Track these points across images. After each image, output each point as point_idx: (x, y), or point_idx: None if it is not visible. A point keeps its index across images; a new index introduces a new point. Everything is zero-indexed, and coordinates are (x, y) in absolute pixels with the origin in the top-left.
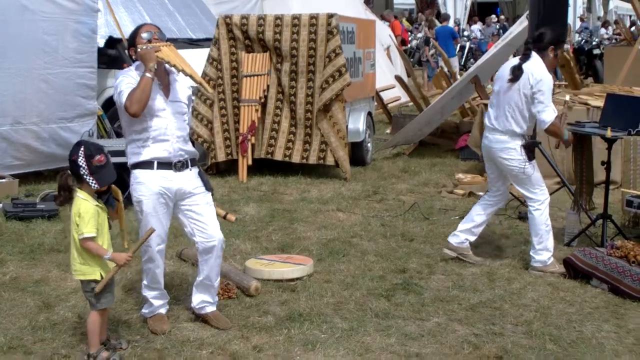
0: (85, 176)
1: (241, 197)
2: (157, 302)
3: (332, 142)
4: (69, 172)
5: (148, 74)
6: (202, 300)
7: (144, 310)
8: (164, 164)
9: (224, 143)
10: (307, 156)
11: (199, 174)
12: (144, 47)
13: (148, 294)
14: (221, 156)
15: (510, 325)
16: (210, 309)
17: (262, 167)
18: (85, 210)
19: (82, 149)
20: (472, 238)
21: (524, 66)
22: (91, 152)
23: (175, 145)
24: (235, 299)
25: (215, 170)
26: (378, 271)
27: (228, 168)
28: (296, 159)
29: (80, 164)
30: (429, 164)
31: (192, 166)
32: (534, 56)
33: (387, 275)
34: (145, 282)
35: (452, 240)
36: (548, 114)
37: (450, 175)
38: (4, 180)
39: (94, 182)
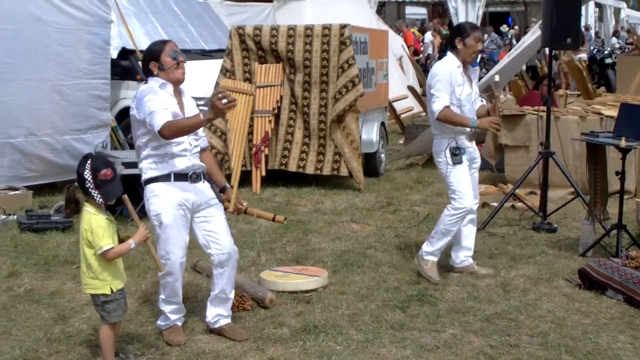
0: (90, 190)
1: (255, 208)
2: (174, 315)
3: (345, 152)
4: (76, 184)
5: (203, 117)
6: (217, 314)
7: (159, 322)
8: (181, 176)
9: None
10: (321, 167)
11: (212, 187)
12: (221, 97)
13: (165, 307)
14: None
15: (526, 337)
16: (225, 321)
17: (276, 178)
18: (98, 225)
19: (89, 162)
20: (470, 253)
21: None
22: (97, 166)
23: (193, 159)
24: (250, 310)
25: (228, 181)
26: (393, 282)
27: (241, 179)
28: (310, 170)
29: (86, 177)
30: None
31: (204, 178)
32: (446, 55)
33: (402, 287)
34: (162, 296)
35: (453, 263)
36: (436, 104)
37: None
38: (18, 191)
39: (99, 196)
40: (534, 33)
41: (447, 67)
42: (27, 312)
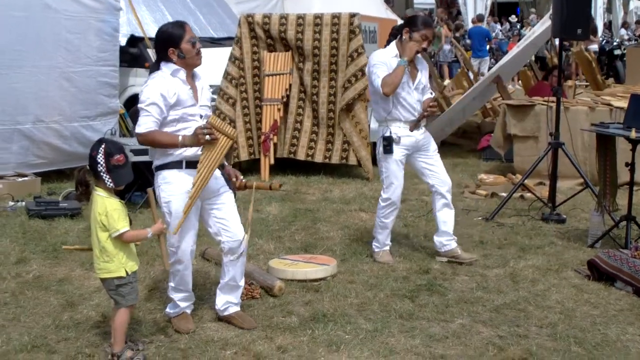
0: (102, 173)
1: (263, 196)
2: (183, 303)
3: (354, 141)
4: (87, 167)
5: (180, 141)
6: (226, 301)
7: (168, 310)
8: (192, 163)
9: (247, 142)
10: (330, 156)
11: (222, 174)
12: (206, 132)
13: (174, 295)
14: (244, 155)
15: (535, 327)
16: (234, 309)
17: (284, 166)
18: (112, 208)
19: (103, 146)
20: (450, 237)
21: None
22: (111, 151)
23: None
24: (259, 299)
25: (237, 169)
26: (402, 272)
27: (250, 167)
28: (319, 158)
29: (99, 160)
30: (450, 165)
31: None
32: (389, 44)
33: (410, 276)
34: (172, 284)
35: (436, 248)
36: (376, 81)
37: (473, 176)
38: (26, 178)
39: (110, 180)
40: (544, 23)
41: (382, 55)
42: (35, 299)
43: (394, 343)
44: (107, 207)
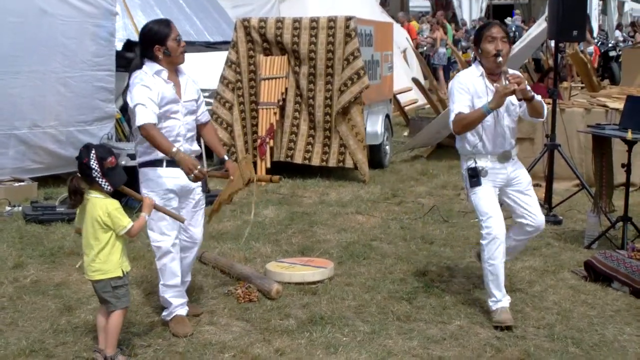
0: (97, 178)
1: (260, 200)
2: (175, 301)
3: (350, 145)
4: (78, 175)
5: (174, 152)
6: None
7: (164, 314)
8: (173, 162)
9: (244, 146)
10: (327, 159)
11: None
12: (196, 172)
13: (167, 294)
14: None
15: (532, 328)
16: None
17: (281, 169)
18: (114, 207)
19: (93, 151)
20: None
21: None
22: (103, 155)
23: (185, 145)
24: (257, 302)
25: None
26: (399, 274)
27: None
28: (316, 161)
29: (93, 166)
30: (447, 167)
31: None
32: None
33: (407, 278)
34: (162, 282)
35: None
36: (451, 116)
37: None
38: (23, 183)
39: (106, 184)
40: (540, 25)
41: (466, 76)
42: (33, 304)
43: (391, 345)
44: (108, 207)
